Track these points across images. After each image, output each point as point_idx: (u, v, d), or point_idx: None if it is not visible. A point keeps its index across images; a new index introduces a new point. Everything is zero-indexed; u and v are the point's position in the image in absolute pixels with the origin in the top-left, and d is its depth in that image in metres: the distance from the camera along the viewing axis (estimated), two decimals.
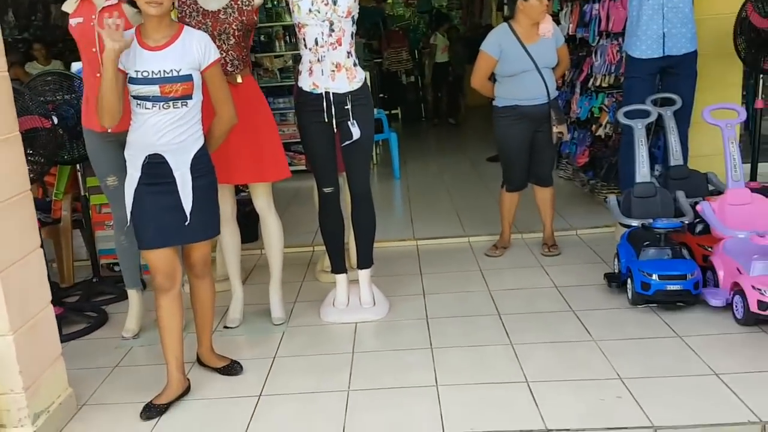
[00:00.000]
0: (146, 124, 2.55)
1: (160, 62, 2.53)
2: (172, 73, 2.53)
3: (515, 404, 2.57)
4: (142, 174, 2.58)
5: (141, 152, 2.57)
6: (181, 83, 2.54)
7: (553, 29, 4.06)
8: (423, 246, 4.61)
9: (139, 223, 2.61)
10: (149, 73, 2.52)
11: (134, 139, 2.60)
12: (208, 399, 2.72)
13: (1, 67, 2.41)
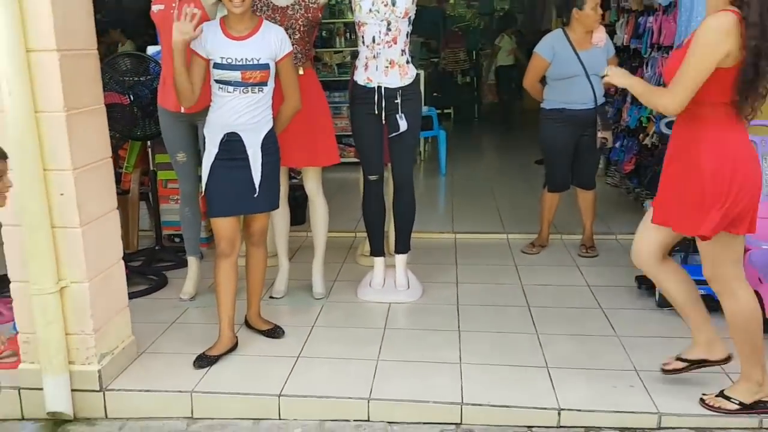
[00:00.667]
0: (226, 105, 2.86)
1: (243, 51, 2.84)
2: (252, 61, 2.84)
3: (533, 385, 2.76)
4: (219, 150, 2.90)
5: (220, 131, 2.88)
6: (259, 71, 2.85)
7: (605, 39, 4.21)
8: (461, 239, 4.80)
9: (212, 193, 2.93)
10: (233, 60, 2.83)
11: (214, 118, 2.91)
12: (253, 356, 3.01)
13: (92, 45, 2.73)
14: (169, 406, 2.70)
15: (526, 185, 6.35)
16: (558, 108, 4.26)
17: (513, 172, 7.26)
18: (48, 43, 2.43)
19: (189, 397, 2.71)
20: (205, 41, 2.87)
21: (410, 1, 3.40)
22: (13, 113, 2.42)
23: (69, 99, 2.51)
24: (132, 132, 4.06)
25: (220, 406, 2.70)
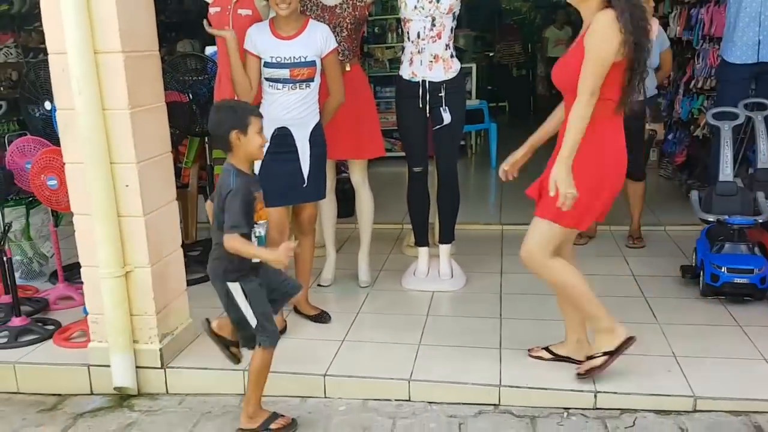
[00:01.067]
0: (276, 102, 3.05)
1: (291, 50, 3.02)
2: (300, 59, 3.01)
3: (571, 369, 2.82)
4: (270, 144, 3.04)
5: (271, 125, 3.04)
6: (307, 68, 3.02)
7: (657, 32, 4.20)
8: (508, 231, 4.86)
9: (265, 184, 3.07)
10: (282, 58, 3.01)
11: (266, 114, 3.04)
12: (301, 339, 3.18)
13: (154, 47, 2.94)
14: (224, 383, 2.90)
15: None
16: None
17: None
18: (114, 46, 2.65)
19: (242, 375, 2.88)
20: (255, 41, 3.05)
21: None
22: (82, 111, 2.65)
23: (133, 97, 2.72)
24: (191, 128, 4.28)
25: (271, 384, 2.85)
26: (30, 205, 3.84)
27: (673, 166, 5.94)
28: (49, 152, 3.16)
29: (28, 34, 7.74)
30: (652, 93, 4.28)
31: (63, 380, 3.01)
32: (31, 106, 3.76)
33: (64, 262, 3.80)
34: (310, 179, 3.13)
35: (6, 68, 7.52)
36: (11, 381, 3.03)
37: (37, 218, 4.03)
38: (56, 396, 2.98)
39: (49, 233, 3.88)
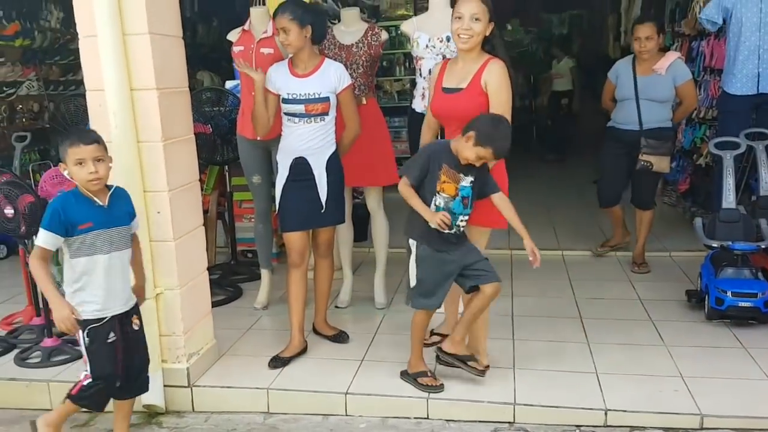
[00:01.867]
0: (294, 134, 3.23)
1: (306, 87, 3.19)
2: (314, 95, 3.18)
3: (581, 388, 2.95)
4: (289, 173, 3.25)
5: (289, 156, 3.24)
6: (321, 103, 3.19)
7: (668, 66, 4.29)
8: (517, 255, 4.99)
9: (285, 211, 3.28)
10: (297, 95, 3.18)
11: (284, 145, 3.28)
12: (321, 358, 3.31)
13: (184, 84, 3.12)
14: (249, 402, 3.02)
15: (581, 204, 6.47)
16: (610, 126, 4.58)
17: (569, 191, 7.39)
18: (148, 83, 2.83)
19: (266, 393, 3.02)
20: (275, 80, 3.23)
21: None
22: (119, 143, 2.81)
23: (166, 130, 2.90)
24: (212, 158, 4.47)
25: (294, 402, 3.01)
26: None
27: (677, 194, 6.08)
28: None
29: (49, 68, 8.00)
30: (652, 126, 4.35)
31: None
32: (60, 137, 3.94)
33: None
34: (328, 205, 3.28)
35: (29, 100, 7.75)
36: (45, 398, 3.16)
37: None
38: (88, 413, 3.10)
39: None
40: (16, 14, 7.43)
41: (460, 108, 2.93)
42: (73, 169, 2.43)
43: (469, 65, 2.96)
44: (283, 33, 3.16)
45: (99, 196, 2.47)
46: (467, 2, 2.89)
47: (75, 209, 2.43)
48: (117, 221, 2.50)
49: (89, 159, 2.40)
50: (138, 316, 2.64)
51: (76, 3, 2.85)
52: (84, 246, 2.43)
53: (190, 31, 9.79)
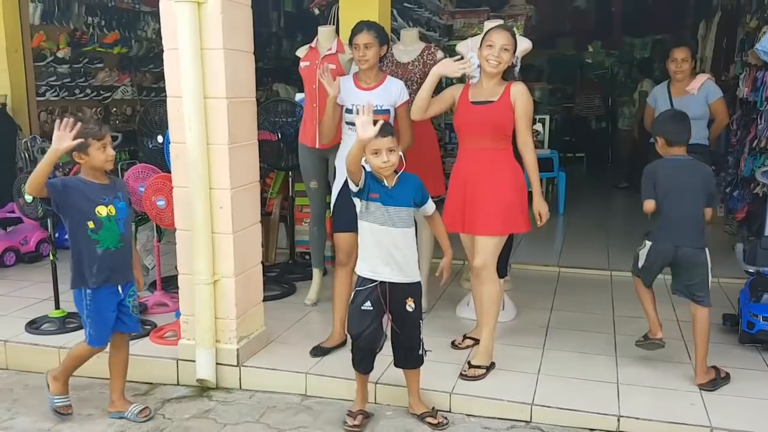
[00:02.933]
0: (352, 142, 3.43)
1: (370, 98, 3.39)
2: (377, 107, 3.42)
3: (600, 395, 3.10)
4: (346, 178, 3.49)
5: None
6: (382, 115, 3.41)
7: (699, 86, 4.62)
8: (564, 273, 5.14)
9: (337, 212, 3.57)
10: (360, 106, 3.40)
11: (344, 153, 3.48)
12: None
13: (252, 95, 3.49)
14: (289, 383, 3.33)
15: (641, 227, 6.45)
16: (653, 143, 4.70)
17: (632, 215, 7.37)
18: (220, 92, 3.20)
19: (304, 377, 3.32)
20: (340, 92, 3.54)
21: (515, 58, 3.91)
22: (191, 145, 3.20)
23: (232, 135, 3.26)
24: (277, 164, 4.85)
25: (328, 387, 3.29)
26: (139, 222, 4.46)
27: (735, 222, 6.03)
28: (161, 177, 3.75)
29: (143, 75, 8.70)
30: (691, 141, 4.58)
31: (155, 371, 3.52)
32: (146, 138, 4.42)
33: (162, 273, 4.38)
34: None
35: (122, 104, 8.47)
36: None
37: (142, 235, 4.64)
38: (149, 384, 3.49)
39: (151, 248, 4.48)
40: (116, 24, 8.17)
41: (489, 118, 3.27)
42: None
43: (493, 87, 3.33)
44: (364, 49, 3.48)
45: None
46: (500, 34, 3.28)
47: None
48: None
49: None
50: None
51: (163, 19, 3.26)
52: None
53: (276, 45, 10.41)
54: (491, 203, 3.29)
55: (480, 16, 7.64)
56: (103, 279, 2.97)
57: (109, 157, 2.96)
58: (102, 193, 2.97)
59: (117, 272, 3.01)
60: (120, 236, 2.99)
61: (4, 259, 5.21)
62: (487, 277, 3.36)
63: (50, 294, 4.05)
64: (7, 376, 3.64)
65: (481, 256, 3.35)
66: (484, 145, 3.31)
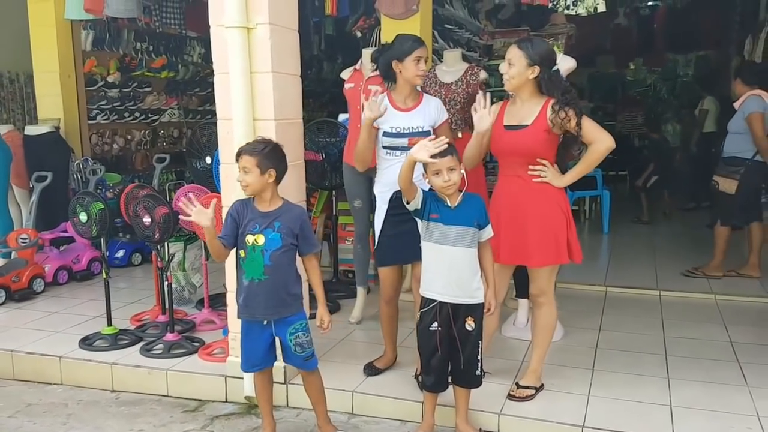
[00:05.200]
0: (394, 167, 3.29)
1: (409, 120, 3.35)
2: (418, 129, 3.34)
3: (652, 418, 3.03)
4: (388, 206, 3.41)
5: (389, 189, 3.38)
6: (423, 136, 3.25)
7: (741, 102, 5.06)
8: (611, 293, 5.05)
9: (382, 246, 3.45)
10: (401, 128, 3.34)
11: (383, 178, 3.43)
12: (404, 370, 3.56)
13: (298, 117, 3.55)
14: (336, 402, 3.31)
15: (690, 248, 6.35)
16: None
17: (677, 234, 7.26)
18: (268, 115, 3.27)
19: (351, 395, 3.33)
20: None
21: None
22: None
23: None
24: (321, 183, 4.91)
25: (376, 406, 3.29)
26: (187, 241, 4.57)
27: None
28: (210, 197, 3.83)
29: (189, 98, 8.94)
30: (728, 154, 5.25)
31: (204, 388, 3.57)
32: (194, 160, 4.53)
33: (210, 291, 4.46)
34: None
35: (169, 127, 8.70)
36: (163, 384, 3.64)
37: (191, 253, 4.75)
38: (197, 401, 3.55)
39: (199, 266, 4.57)
40: (164, 49, 8.43)
41: (521, 143, 3.09)
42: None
43: (528, 105, 3.12)
44: (423, 62, 3.31)
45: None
46: (509, 49, 3.15)
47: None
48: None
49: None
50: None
51: (214, 44, 3.35)
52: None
53: (317, 67, 10.59)
54: (540, 233, 3.12)
55: (520, 36, 7.65)
56: (248, 313, 2.88)
57: (242, 183, 2.84)
58: (257, 220, 2.83)
59: (259, 306, 2.84)
60: (264, 268, 2.79)
61: (57, 277, 5.36)
62: (544, 302, 3.28)
63: (102, 311, 4.16)
64: (62, 391, 3.73)
65: (536, 285, 3.26)
66: (517, 170, 3.14)
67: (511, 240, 3.16)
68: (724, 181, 5.22)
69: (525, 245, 3.14)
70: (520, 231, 3.14)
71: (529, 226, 3.13)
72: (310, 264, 2.97)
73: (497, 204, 3.23)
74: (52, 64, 6.38)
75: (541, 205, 3.14)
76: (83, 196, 4.10)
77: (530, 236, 3.14)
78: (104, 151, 7.64)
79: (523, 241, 3.15)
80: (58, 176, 5.72)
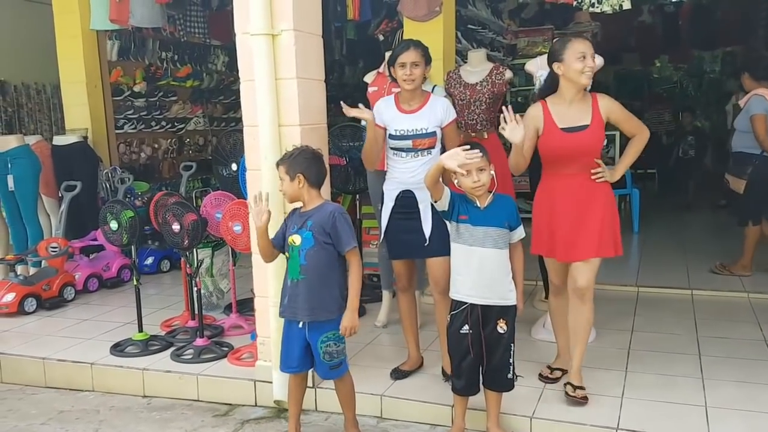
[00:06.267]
0: (401, 167, 3.35)
1: (414, 122, 3.31)
2: (422, 130, 3.30)
3: (687, 419, 2.97)
4: (395, 204, 3.41)
5: (396, 188, 3.39)
6: (428, 138, 3.31)
7: (746, 100, 5.13)
8: (643, 293, 4.98)
9: (391, 241, 3.47)
10: (405, 131, 3.31)
11: (392, 177, 3.43)
12: (433, 374, 3.54)
13: (323, 121, 3.55)
14: (365, 405, 3.30)
15: (719, 245, 6.23)
16: None
17: (709, 232, 7.13)
18: (294, 120, 3.28)
19: (379, 399, 3.32)
20: (383, 115, 3.38)
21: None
22: (266, 172, 3.27)
23: None
24: (345, 187, 4.91)
25: (404, 410, 3.27)
26: (215, 247, 4.60)
27: None
28: (237, 203, 3.86)
29: (214, 106, 9.03)
30: (736, 150, 5.26)
31: (234, 392, 3.59)
32: (220, 167, 4.56)
33: (238, 297, 4.48)
34: (432, 237, 3.32)
35: (195, 135, 8.80)
36: (194, 389, 3.67)
37: (218, 259, 4.79)
38: (227, 405, 3.57)
39: (227, 272, 4.60)
40: (188, 58, 8.53)
41: (586, 144, 3.09)
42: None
43: (578, 104, 3.12)
44: (412, 67, 3.25)
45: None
46: (585, 42, 3.06)
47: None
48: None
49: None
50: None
51: (239, 52, 3.37)
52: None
53: (338, 71, 10.64)
54: (599, 226, 3.12)
55: (544, 35, 7.60)
56: (290, 312, 2.92)
57: (281, 188, 2.95)
58: (295, 221, 2.92)
59: (298, 307, 2.88)
60: (300, 268, 2.84)
61: (87, 285, 5.44)
62: (590, 297, 3.22)
63: (133, 318, 4.21)
64: (93, 397, 3.78)
65: (586, 277, 3.16)
66: (575, 170, 3.12)
67: (568, 237, 3.15)
68: (734, 180, 5.26)
69: (582, 239, 3.13)
70: (580, 227, 3.13)
71: (589, 221, 3.12)
72: (349, 263, 2.95)
73: (551, 204, 3.20)
74: (79, 75, 6.49)
75: (601, 200, 3.15)
76: (113, 205, 4.16)
77: (589, 230, 3.13)
78: (132, 159, 7.74)
79: (580, 236, 3.14)
80: (87, 185, 5.81)
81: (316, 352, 2.93)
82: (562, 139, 3.09)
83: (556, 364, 3.47)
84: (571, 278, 3.24)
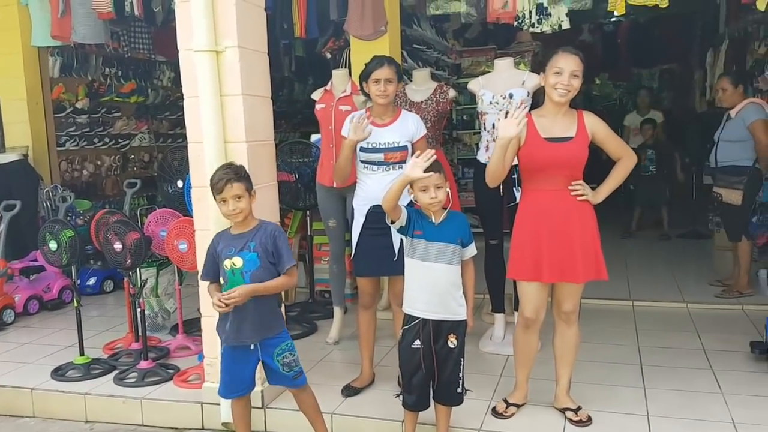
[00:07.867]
0: (372, 180, 3.38)
1: (385, 136, 3.36)
2: (393, 144, 3.35)
3: (630, 429, 3.05)
4: (365, 220, 3.43)
5: (366, 203, 3.41)
6: (399, 152, 3.36)
7: (738, 110, 4.94)
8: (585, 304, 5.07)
9: (359, 257, 3.47)
10: (377, 144, 3.35)
11: (362, 192, 3.45)
12: (384, 389, 3.55)
13: (270, 138, 3.55)
14: None
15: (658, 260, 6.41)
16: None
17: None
18: (240, 137, 3.26)
19: (330, 417, 3.29)
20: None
21: (526, 94, 3.96)
22: None
23: (252, 178, 3.27)
24: (295, 203, 4.91)
25: (356, 427, 3.26)
26: (160, 266, 4.51)
27: (757, 248, 5.97)
28: (183, 221, 3.80)
29: (160, 122, 8.87)
30: (726, 163, 5.00)
31: (180, 415, 3.52)
32: (165, 184, 4.49)
33: (184, 316, 4.40)
34: (401, 253, 3.26)
35: (140, 151, 8.62)
36: (138, 414, 3.58)
37: (164, 278, 4.69)
38: (173, 429, 3.49)
39: (173, 291, 4.52)
40: (133, 74, 8.37)
41: (569, 155, 2.99)
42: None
43: (563, 118, 3.04)
44: (386, 83, 3.30)
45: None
46: (568, 58, 2.94)
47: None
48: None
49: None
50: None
51: (183, 68, 3.33)
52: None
53: (288, 88, 10.62)
54: (584, 248, 3.02)
55: (487, 54, 7.77)
56: (236, 338, 2.83)
57: (228, 212, 2.82)
58: (232, 243, 2.83)
59: (246, 330, 2.82)
60: None
61: (27, 307, 5.26)
62: (575, 320, 3.21)
63: (74, 341, 4.09)
64: (34, 423, 3.65)
65: (573, 301, 3.14)
66: (558, 185, 3.01)
67: (556, 256, 3.01)
68: (728, 192, 4.94)
69: (571, 262, 3.01)
70: (566, 247, 3.01)
71: (575, 242, 3.01)
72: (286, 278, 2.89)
73: (533, 219, 3.06)
74: (20, 92, 6.32)
75: (583, 220, 3.04)
76: (53, 224, 4.04)
77: (576, 252, 3.01)
78: (74, 177, 7.53)
79: (568, 257, 3.02)
80: (27, 204, 5.63)
81: (274, 367, 2.90)
82: (544, 149, 2.99)
83: (513, 398, 3.31)
84: (556, 302, 3.19)
